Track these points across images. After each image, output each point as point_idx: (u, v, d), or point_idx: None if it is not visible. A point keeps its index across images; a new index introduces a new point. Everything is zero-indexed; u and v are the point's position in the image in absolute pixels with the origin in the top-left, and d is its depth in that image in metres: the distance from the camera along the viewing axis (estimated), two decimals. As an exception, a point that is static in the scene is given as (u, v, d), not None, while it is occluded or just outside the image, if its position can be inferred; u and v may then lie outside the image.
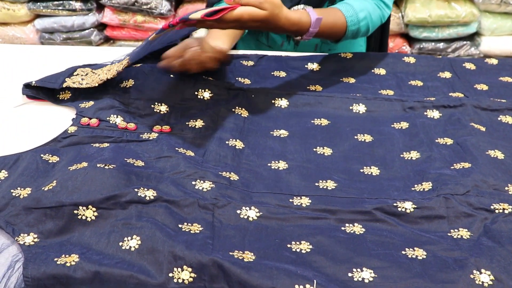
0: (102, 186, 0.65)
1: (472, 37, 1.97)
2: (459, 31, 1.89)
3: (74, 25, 1.95)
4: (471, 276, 0.58)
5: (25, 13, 2.00)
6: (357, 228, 0.66)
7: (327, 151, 0.80)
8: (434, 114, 0.90)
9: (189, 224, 0.63)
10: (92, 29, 1.97)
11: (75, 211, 0.63)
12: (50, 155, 0.74)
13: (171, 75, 0.89)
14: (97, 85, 0.87)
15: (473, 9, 1.87)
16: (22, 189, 0.67)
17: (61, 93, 0.91)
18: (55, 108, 0.90)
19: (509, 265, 0.60)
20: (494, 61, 1.11)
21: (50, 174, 0.70)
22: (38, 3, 1.97)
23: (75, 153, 0.74)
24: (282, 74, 1.01)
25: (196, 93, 0.90)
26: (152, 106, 0.86)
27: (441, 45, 1.92)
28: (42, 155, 0.74)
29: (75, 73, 0.92)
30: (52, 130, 0.82)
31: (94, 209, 0.63)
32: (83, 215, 0.63)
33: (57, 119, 0.86)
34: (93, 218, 0.63)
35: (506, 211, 0.68)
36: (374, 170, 0.77)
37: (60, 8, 1.91)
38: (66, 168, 0.69)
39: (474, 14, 1.87)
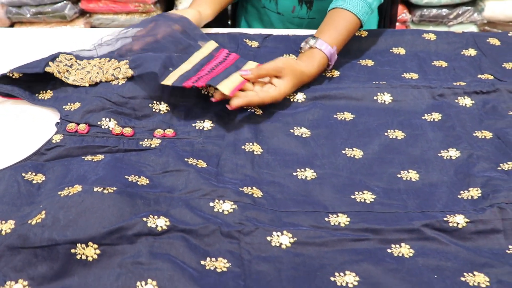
0: (103, 217, 0.53)
1: (475, 2, 1.86)
2: (463, -4, 1.78)
3: (45, -3, 1.75)
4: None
5: (-13, -16, 1.79)
6: (405, 250, 0.57)
7: (358, 153, 0.70)
8: (466, 101, 0.81)
9: (214, 260, 0.53)
10: (65, 2, 1.77)
11: (73, 250, 0.52)
12: (34, 173, 0.62)
13: (170, 69, 0.76)
14: (87, 85, 0.76)
15: (477, -28, 1.76)
16: (4, 222, 0.55)
17: (41, 92, 0.78)
18: (34, 109, 0.76)
19: None
20: (518, 34, 1.01)
21: (37, 200, 0.58)
22: (1, -28, 1.76)
23: (64, 171, 0.62)
24: (293, 57, 0.89)
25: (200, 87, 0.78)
26: (150, 105, 0.73)
27: (443, 11, 1.80)
28: (23, 174, 0.61)
29: (58, 59, 0.78)
30: (32, 138, 0.69)
31: (95, 246, 0.52)
32: (83, 254, 0.52)
33: (37, 123, 0.73)
34: (95, 257, 0.52)
35: None
36: (413, 175, 0.67)
37: (28, -22, 1.71)
38: (56, 192, 0.57)
39: (478, -23, 1.76)
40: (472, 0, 1.82)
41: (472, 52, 0.94)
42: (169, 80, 0.72)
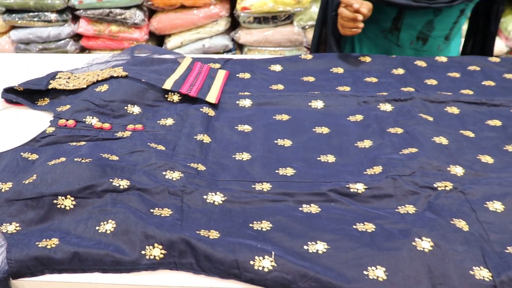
0: (80, 177, 0.71)
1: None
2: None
3: (49, 35, 2.00)
4: (413, 243, 0.65)
5: (0, 24, 2.04)
6: (314, 208, 0.73)
7: (287, 142, 0.88)
8: (387, 107, 0.98)
9: (160, 209, 0.70)
10: (68, 39, 2.02)
11: (55, 201, 0.69)
12: (30, 153, 0.80)
13: (143, 79, 0.96)
14: (85, 86, 0.95)
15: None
16: (4, 183, 0.73)
17: (39, 99, 0.97)
18: (34, 112, 0.95)
19: (447, 233, 0.68)
20: (443, 59, 1.20)
21: (30, 170, 0.76)
22: (14, 15, 2.01)
23: (54, 151, 0.80)
24: (247, 75, 1.08)
25: (166, 96, 0.97)
26: (126, 108, 0.92)
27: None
28: (22, 154, 0.79)
29: (57, 77, 0.99)
30: (31, 132, 0.88)
31: (72, 198, 0.69)
32: (62, 204, 0.69)
33: (35, 122, 0.92)
34: (72, 206, 0.69)
35: (447, 188, 0.76)
36: (330, 158, 0.85)
37: (36, 19, 1.96)
38: (45, 163, 0.75)
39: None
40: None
41: (400, 71, 1.13)
42: (167, 86, 0.95)
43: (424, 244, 0.66)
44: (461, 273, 0.63)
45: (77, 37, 2.09)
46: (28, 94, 0.98)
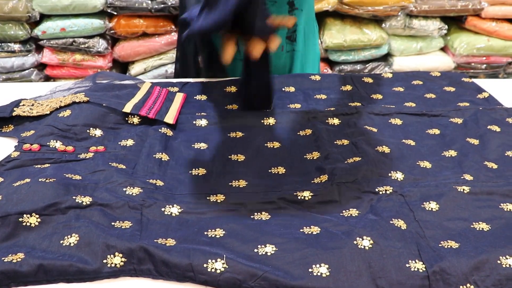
0: (44, 196, 0.75)
1: (386, 58, 2.20)
2: (373, 53, 2.12)
3: (13, 66, 2.03)
4: (355, 242, 0.72)
5: (-37, 56, 2.07)
6: (264, 216, 0.79)
7: (241, 157, 0.94)
8: (335, 121, 1.06)
9: (121, 222, 0.75)
10: (32, 69, 2.06)
11: (20, 219, 0.73)
12: None
13: (104, 104, 1.01)
14: (49, 112, 1.00)
15: (382, 33, 2.11)
16: None
17: (3, 126, 1.01)
18: (-3, 139, 0.99)
19: (386, 232, 0.75)
20: (389, 75, 1.30)
21: None
22: (-24, 47, 2.04)
23: (19, 173, 0.84)
24: (204, 97, 1.15)
25: (126, 118, 1.03)
26: (88, 131, 0.97)
27: (358, 66, 2.14)
28: None
29: (21, 104, 1.03)
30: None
31: (37, 216, 0.73)
32: (28, 221, 0.73)
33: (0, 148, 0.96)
34: (37, 223, 0.73)
35: (388, 192, 0.84)
36: (280, 170, 0.91)
37: (-1, 50, 2.01)
38: (11, 185, 0.79)
39: (383, 37, 2.11)
40: (382, 56, 2.17)
41: (348, 87, 1.22)
42: (127, 109, 1.01)
43: (365, 242, 0.72)
44: (398, 266, 0.69)
45: (41, 66, 2.13)
46: None
